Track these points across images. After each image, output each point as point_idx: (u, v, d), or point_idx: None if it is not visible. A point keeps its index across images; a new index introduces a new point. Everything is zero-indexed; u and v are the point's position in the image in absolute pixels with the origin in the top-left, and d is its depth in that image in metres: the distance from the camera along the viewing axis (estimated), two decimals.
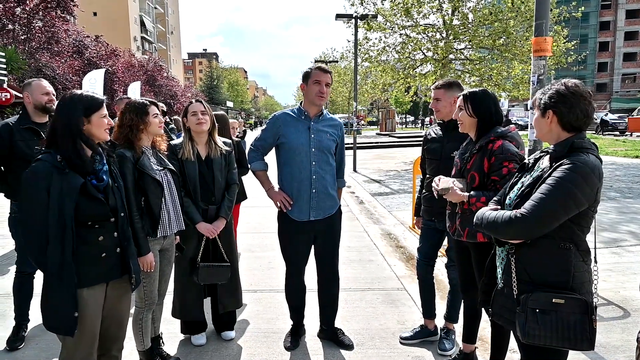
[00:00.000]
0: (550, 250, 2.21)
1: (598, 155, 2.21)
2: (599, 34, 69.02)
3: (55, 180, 2.38)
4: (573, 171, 2.09)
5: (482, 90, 3.12)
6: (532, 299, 2.19)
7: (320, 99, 3.59)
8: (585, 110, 2.21)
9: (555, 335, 2.15)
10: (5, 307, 4.61)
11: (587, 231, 2.25)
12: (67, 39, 23.86)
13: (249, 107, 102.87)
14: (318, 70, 3.59)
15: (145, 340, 3.44)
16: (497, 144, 2.93)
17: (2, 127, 3.84)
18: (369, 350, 3.86)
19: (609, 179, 12.46)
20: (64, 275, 2.40)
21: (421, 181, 4.02)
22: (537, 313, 2.17)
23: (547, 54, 4.89)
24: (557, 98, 2.22)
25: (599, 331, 3.99)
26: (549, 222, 2.13)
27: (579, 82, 2.28)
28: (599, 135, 31.38)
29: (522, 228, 2.17)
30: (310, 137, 3.63)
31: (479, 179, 2.97)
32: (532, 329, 2.17)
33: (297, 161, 3.63)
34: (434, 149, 3.72)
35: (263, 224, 8.11)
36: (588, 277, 2.23)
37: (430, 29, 17.64)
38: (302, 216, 3.69)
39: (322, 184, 3.67)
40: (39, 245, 2.39)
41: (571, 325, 2.13)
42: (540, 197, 2.13)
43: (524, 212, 2.15)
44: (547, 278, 2.22)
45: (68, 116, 2.48)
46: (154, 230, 3.25)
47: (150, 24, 74.16)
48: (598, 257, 2.32)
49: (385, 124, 43.24)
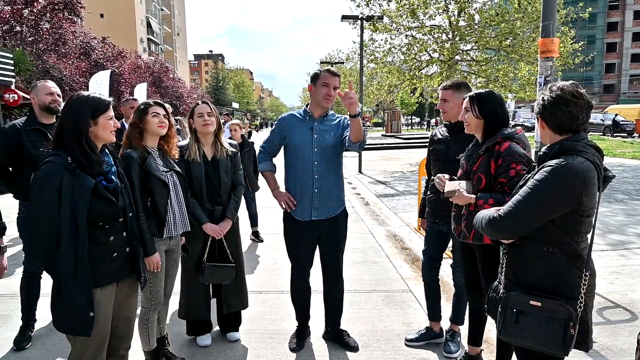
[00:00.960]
0: (535, 252, 2.23)
1: (591, 158, 2.13)
2: (607, 35, 68.68)
3: (66, 182, 2.39)
4: (551, 174, 2.09)
5: (489, 91, 3.10)
6: (511, 299, 2.24)
7: (327, 101, 3.61)
8: (568, 112, 2.19)
9: (528, 336, 2.17)
10: (12, 307, 4.63)
11: (578, 235, 2.20)
12: (74, 40, 23.97)
13: (254, 108, 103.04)
14: (327, 73, 3.60)
15: (151, 340, 3.45)
16: (504, 146, 2.92)
17: (10, 128, 3.88)
18: (374, 352, 3.85)
19: (617, 181, 12.39)
20: (80, 276, 2.41)
21: (426, 182, 4.00)
22: (514, 313, 2.20)
23: (554, 55, 4.87)
24: (542, 104, 2.27)
25: (606, 334, 3.99)
26: (524, 223, 2.16)
27: (566, 85, 2.24)
28: (607, 137, 31.21)
29: (498, 228, 2.23)
30: (313, 137, 3.64)
31: (485, 181, 2.95)
32: (508, 327, 2.22)
33: (300, 161, 3.66)
34: (439, 150, 3.71)
35: (269, 225, 8.11)
36: (578, 282, 2.19)
37: (436, 30, 17.62)
38: (305, 216, 3.70)
39: (324, 183, 3.67)
40: (48, 246, 2.39)
41: (549, 329, 2.13)
42: (517, 198, 2.17)
43: (501, 212, 2.21)
44: (532, 280, 2.24)
45: (75, 118, 2.49)
46: (160, 230, 3.27)
47: (156, 25, 74.42)
48: (605, 259, 2.31)
49: (391, 125, 43.15)
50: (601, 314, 4.46)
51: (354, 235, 7.30)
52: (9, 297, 4.93)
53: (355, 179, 14.90)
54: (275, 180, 3.83)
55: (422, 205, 4.01)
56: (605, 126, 33.95)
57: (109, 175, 2.61)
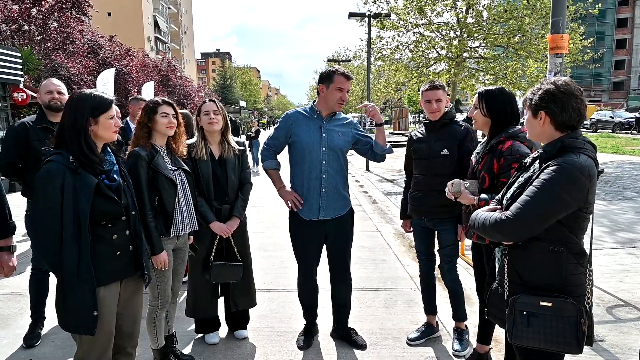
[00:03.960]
0: (541, 252, 2.19)
1: (591, 155, 2.13)
2: (616, 31, 68.09)
3: (68, 181, 2.39)
4: (559, 173, 2.05)
5: (499, 88, 3.08)
6: (520, 301, 2.19)
7: (340, 106, 3.61)
8: (577, 109, 2.16)
9: (542, 338, 2.13)
10: (22, 305, 4.66)
11: (582, 233, 2.20)
12: (82, 39, 24.02)
13: (261, 106, 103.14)
14: (342, 76, 3.55)
15: (159, 338, 3.46)
16: (507, 145, 2.91)
17: (19, 126, 3.94)
18: (382, 350, 3.84)
19: (626, 179, 12.30)
20: (83, 275, 2.41)
21: (406, 182, 4.04)
22: (524, 315, 2.16)
23: (563, 51, 4.83)
24: (548, 98, 2.18)
25: (615, 333, 3.96)
26: (534, 225, 2.10)
27: (569, 80, 2.22)
28: (616, 134, 30.99)
29: (507, 231, 2.16)
30: (322, 136, 3.62)
31: (489, 180, 2.95)
32: (519, 330, 2.18)
33: (307, 160, 3.63)
34: (421, 149, 3.75)
35: (276, 223, 8.12)
36: (583, 279, 2.18)
37: (444, 27, 17.50)
38: (312, 215, 3.69)
39: (332, 183, 3.66)
40: (53, 245, 2.39)
41: (560, 328, 2.10)
42: (525, 199, 2.11)
43: (509, 214, 2.14)
44: (538, 280, 2.20)
45: (75, 116, 2.48)
46: (168, 229, 3.27)
47: (163, 24, 74.58)
48: (614, 258, 2.29)
49: (398, 123, 43.07)
50: (610, 312, 4.43)
51: (362, 233, 7.29)
52: (19, 295, 4.96)
53: (363, 177, 14.89)
54: (280, 179, 3.81)
55: (403, 206, 4.03)
56: (614, 123, 33.73)
57: (111, 174, 2.60)
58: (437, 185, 3.51)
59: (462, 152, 3.56)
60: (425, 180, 3.69)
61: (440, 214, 3.66)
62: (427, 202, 3.67)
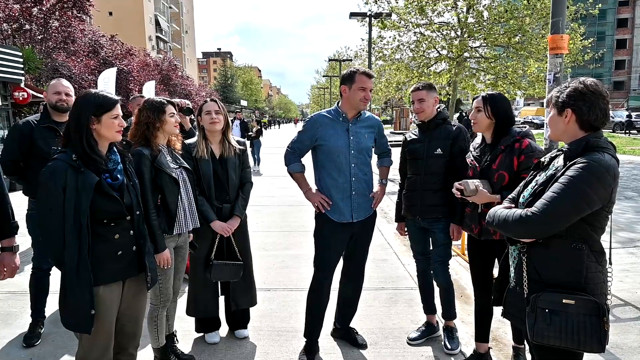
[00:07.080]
0: (562, 250, 2.17)
1: (614, 155, 2.15)
2: (617, 31, 68.10)
3: (70, 179, 2.40)
4: (586, 170, 2.05)
5: (499, 93, 3.28)
6: (542, 299, 2.16)
7: (364, 104, 3.59)
8: (604, 110, 2.17)
9: (564, 336, 2.11)
10: (22, 305, 4.67)
11: (602, 231, 2.20)
12: (83, 38, 24.07)
13: (262, 106, 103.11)
14: (363, 75, 3.53)
15: (160, 337, 3.46)
16: (525, 143, 3.07)
17: (23, 125, 3.94)
18: (383, 350, 3.85)
19: (627, 179, 12.30)
20: (81, 273, 2.41)
21: (400, 185, 4.06)
22: (547, 313, 2.14)
23: (563, 51, 4.84)
24: (577, 96, 2.17)
25: (615, 332, 3.96)
26: (560, 221, 2.09)
27: (597, 81, 2.23)
28: (617, 134, 30.98)
29: (532, 227, 2.14)
30: (350, 139, 3.59)
31: (508, 178, 3.04)
32: (541, 329, 2.15)
33: (336, 163, 3.59)
34: (416, 149, 3.79)
35: (276, 222, 8.12)
36: (602, 278, 2.19)
37: (444, 27, 17.49)
38: (343, 218, 3.63)
39: (361, 185, 3.65)
40: (58, 243, 2.41)
41: (581, 327, 2.09)
42: (551, 196, 2.09)
43: (534, 211, 2.12)
44: (559, 278, 2.18)
45: (79, 115, 2.49)
46: (170, 227, 3.28)
47: (165, 23, 74.62)
48: (614, 257, 2.28)
49: (399, 122, 43.07)
50: (611, 312, 4.42)
51: None
52: (19, 295, 4.97)
53: None
54: (306, 182, 3.75)
55: (398, 209, 4.06)
56: (615, 123, 33.73)
57: (115, 172, 2.60)
58: (431, 184, 3.64)
59: (454, 151, 3.62)
60: (420, 179, 3.72)
61: (434, 213, 3.69)
62: (421, 201, 3.71)
